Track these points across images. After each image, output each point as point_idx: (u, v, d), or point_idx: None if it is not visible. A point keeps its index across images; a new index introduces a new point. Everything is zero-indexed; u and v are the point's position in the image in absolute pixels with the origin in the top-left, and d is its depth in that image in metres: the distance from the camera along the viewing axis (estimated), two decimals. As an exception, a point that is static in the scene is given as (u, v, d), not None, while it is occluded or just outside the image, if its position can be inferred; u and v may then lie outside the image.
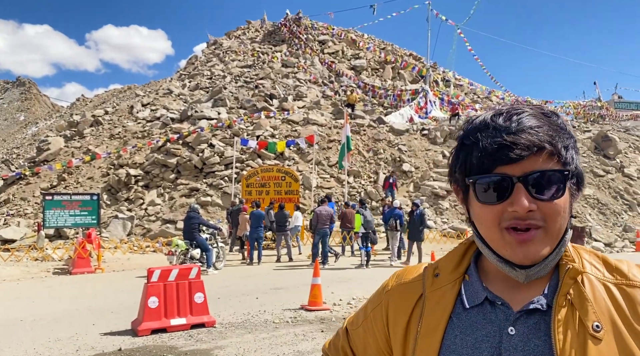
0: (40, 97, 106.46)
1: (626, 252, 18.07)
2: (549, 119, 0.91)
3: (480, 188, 0.90)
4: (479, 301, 0.96)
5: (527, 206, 0.86)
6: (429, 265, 1.08)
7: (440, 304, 1.00)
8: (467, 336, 0.94)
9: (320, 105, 29.92)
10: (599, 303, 0.88)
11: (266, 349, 6.03)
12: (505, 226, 0.88)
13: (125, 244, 17.00)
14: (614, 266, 0.93)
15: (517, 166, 0.87)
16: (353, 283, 10.64)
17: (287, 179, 18.37)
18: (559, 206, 0.88)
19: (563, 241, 0.92)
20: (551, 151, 0.87)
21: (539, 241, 0.88)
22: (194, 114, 26.59)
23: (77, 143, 26.64)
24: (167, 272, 7.03)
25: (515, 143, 0.86)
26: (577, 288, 0.89)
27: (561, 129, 0.91)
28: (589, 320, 0.86)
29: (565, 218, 0.90)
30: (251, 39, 45.17)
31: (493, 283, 0.97)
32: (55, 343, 6.36)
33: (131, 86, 65.42)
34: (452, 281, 1.01)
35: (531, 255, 0.88)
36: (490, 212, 0.90)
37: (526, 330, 0.89)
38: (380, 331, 1.11)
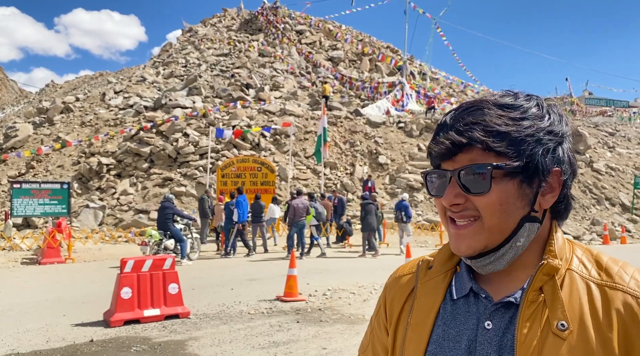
0: (7, 82, 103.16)
1: (593, 244, 18.58)
2: (504, 111, 0.89)
3: (428, 182, 0.95)
4: (465, 292, 0.95)
5: (450, 200, 0.89)
6: (424, 258, 1.08)
7: (431, 295, 0.99)
8: (450, 328, 0.93)
9: (297, 96, 29.79)
10: (573, 302, 0.85)
11: (241, 340, 6.00)
12: (449, 215, 0.92)
13: (97, 234, 16.68)
14: (604, 266, 0.90)
15: (452, 163, 0.90)
16: (329, 274, 10.67)
17: (264, 170, 18.26)
18: (492, 199, 0.87)
19: (517, 234, 0.89)
20: (483, 147, 0.87)
21: (472, 234, 0.89)
22: (168, 102, 26.15)
23: (46, 130, 25.93)
24: (140, 262, 6.91)
25: (443, 141, 0.89)
26: (552, 285, 0.87)
27: (520, 120, 0.88)
28: (555, 318, 0.84)
29: (507, 211, 0.88)
30: (227, 27, 44.59)
31: (481, 275, 0.96)
32: (24, 334, 6.21)
33: (103, 72, 63.95)
34: (444, 272, 1.01)
35: (463, 248, 0.90)
36: (438, 204, 0.94)
37: (502, 324, 0.88)
38: (385, 335, 1.08)
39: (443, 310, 0.96)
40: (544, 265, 0.88)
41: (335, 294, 8.61)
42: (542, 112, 0.91)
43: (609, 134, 32.87)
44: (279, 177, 20.50)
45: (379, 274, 10.51)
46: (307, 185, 20.98)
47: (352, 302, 8.05)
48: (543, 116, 0.91)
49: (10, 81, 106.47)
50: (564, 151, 0.92)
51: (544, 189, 0.90)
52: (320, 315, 7.20)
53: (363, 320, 6.95)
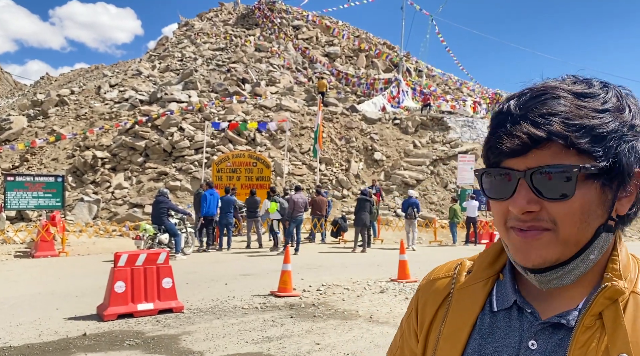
0: (2, 74, 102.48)
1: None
2: (583, 100, 0.76)
3: (485, 182, 0.81)
4: (507, 304, 0.85)
5: (523, 207, 0.75)
6: (463, 261, 0.97)
7: (468, 304, 0.89)
8: (488, 343, 0.84)
9: (293, 91, 29.75)
10: (637, 331, 0.74)
11: (235, 335, 6.00)
12: (510, 225, 0.78)
13: (91, 227, 16.63)
14: None
15: (521, 160, 0.75)
16: (323, 270, 10.69)
17: (259, 165, 18.24)
18: (572, 207, 0.74)
19: (592, 246, 0.77)
20: (563, 143, 0.73)
21: (545, 244, 0.76)
22: (164, 96, 26.06)
23: (41, 123, 25.78)
24: (134, 256, 6.90)
25: (518, 134, 0.74)
26: (615, 310, 0.76)
27: (601, 113, 0.75)
28: (615, 348, 0.73)
29: (589, 222, 0.75)
30: (224, 21, 44.43)
31: (527, 287, 0.85)
32: (16, 328, 6.19)
33: (98, 65, 63.63)
34: (484, 279, 0.90)
35: (533, 258, 0.76)
36: (497, 209, 0.80)
37: (549, 345, 0.78)
38: (415, 342, 0.98)
39: (481, 321, 0.86)
40: (608, 288, 0.76)
41: (329, 289, 8.63)
42: (622, 104, 0.78)
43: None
44: (275, 172, 20.49)
45: (373, 270, 10.55)
46: (302, 181, 20.99)
47: (346, 298, 8.08)
48: (623, 107, 0.78)
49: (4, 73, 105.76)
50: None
51: (622, 194, 0.78)
52: (314, 311, 7.22)
53: (356, 315, 6.98)
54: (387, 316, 6.93)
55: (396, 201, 21.10)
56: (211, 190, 14.14)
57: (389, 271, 10.25)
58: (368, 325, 6.47)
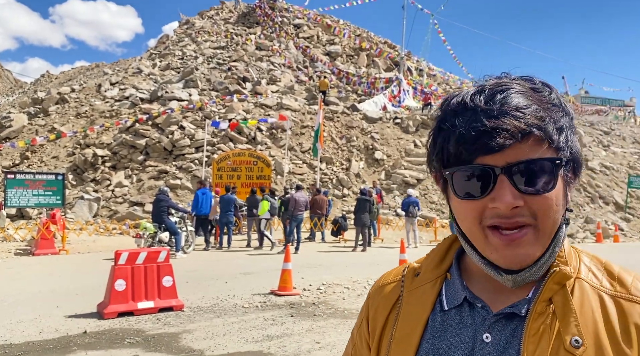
0: (2, 71, 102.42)
1: (587, 243, 18.69)
2: (539, 95, 0.78)
3: (458, 181, 0.78)
4: (458, 302, 0.85)
5: (511, 202, 0.73)
6: (410, 264, 0.97)
7: (418, 305, 0.88)
8: (441, 342, 0.83)
9: (294, 90, 29.74)
10: (585, 315, 0.76)
11: (235, 333, 6.00)
12: (488, 224, 0.76)
13: (91, 225, 16.63)
14: (616, 275, 0.81)
15: (499, 156, 0.74)
16: (323, 269, 10.69)
17: (259, 164, 18.23)
18: (551, 199, 0.75)
19: (557, 238, 0.79)
20: (540, 136, 0.74)
21: (529, 242, 0.76)
22: (164, 94, 26.04)
23: (41, 121, 25.78)
24: (135, 255, 6.90)
25: (496, 129, 0.72)
26: (563, 295, 0.78)
27: (554, 106, 0.78)
28: (568, 333, 0.75)
29: (560, 212, 0.78)
30: (225, 19, 44.39)
31: (476, 283, 0.86)
32: (17, 325, 6.19)
33: (99, 63, 63.61)
34: (432, 279, 0.90)
35: (520, 259, 0.76)
36: (471, 208, 0.78)
37: (503, 337, 0.78)
38: (367, 351, 0.97)
39: (432, 321, 0.86)
40: (556, 273, 0.78)
41: (329, 288, 8.63)
42: (559, 98, 0.80)
43: (604, 133, 33.00)
44: (275, 171, 20.48)
45: (373, 270, 10.55)
46: (302, 180, 20.98)
47: (346, 297, 8.08)
48: (562, 102, 0.80)
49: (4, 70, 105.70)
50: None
51: (572, 183, 0.81)
52: (314, 309, 7.22)
53: (357, 314, 6.96)
54: (387, 315, 6.93)
55: (396, 200, 21.09)
56: (203, 189, 14.15)
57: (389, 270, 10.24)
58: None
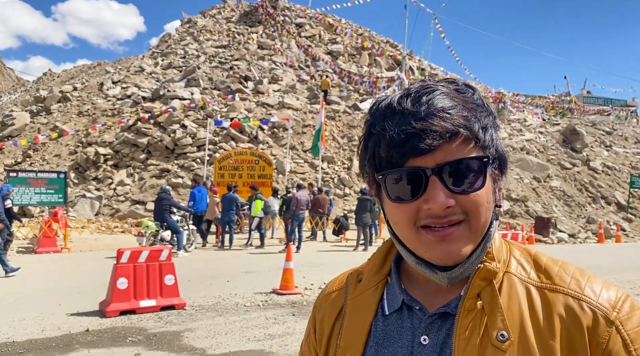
0: (4, 70, 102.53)
1: (588, 243, 18.67)
2: (463, 96, 0.78)
3: (390, 185, 0.78)
4: (397, 306, 0.85)
5: (444, 202, 0.74)
6: (354, 271, 0.96)
7: (361, 312, 0.88)
8: (384, 348, 0.83)
9: (295, 89, 29.72)
10: (512, 308, 0.77)
11: (237, 332, 6.01)
12: (422, 224, 0.77)
13: (93, 224, 16.65)
14: (543, 267, 0.81)
15: (429, 157, 0.75)
16: (324, 268, 10.69)
17: (261, 163, 18.23)
18: (481, 197, 0.76)
19: (488, 235, 0.80)
20: (467, 135, 0.75)
21: (461, 238, 0.76)
22: (166, 93, 26.05)
23: (43, 119, 25.81)
24: (137, 253, 6.91)
25: (425, 131, 0.73)
26: (490, 291, 0.78)
27: (478, 107, 0.79)
28: (494, 328, 0.75)
29: (490, 209, 0.79)
30: (227, 18, 44.37)
31: (414, 285, 0.86)
32: (19, 323, 6.21)
33: (101, 62, 63.63)
34: (374, 285, 0.90)
35: (452, 254, 0.77)
36: (404, 211, 0.78)
37: (440, 337, 0.79)
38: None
39: (374, 327, 0.85)
40: (481, 269, 0.79)
41: (331, 288, 8.63)
42: (481, 98, 0.81)
43: (606, 133, 32.95)
44: (277, 170, 20.49)
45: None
46: (304, 179, 20.98)
47: (348, 296, 8.08)
48: (484, 102, 0.81)
49: (7, 68, 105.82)
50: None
51: (499, 180, 0.83)
52: (316, 309, 7.22)
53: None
54: (389, 314, 6.93)
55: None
56: (199, 187, 14.17)
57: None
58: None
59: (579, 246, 17.90)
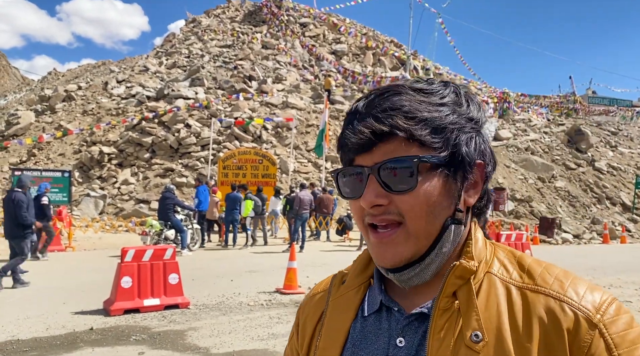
0: (10, 69, 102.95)
1: (593, 244, 18.60)
2: (424, 97, 0.78)
3: (340, 182, 0.81)
4: (376, 307, 0.84)
5: (371, 201, 0.75)
6: (338, 272, 0.96)
7: (341, 313, 0.87)
8: (360, 350, 0.82)
9: (299, 89, 29.73)
10: (490, 308, 0.75)
11: (240, 331, 6.01)
12: (367, 222, 0.79)
13: (98, 223, 16.70)
14: (526, 267, 0.79)
15: (369, 156, 0.77)
16: (328, 268, 10.68)
17: (265, 163, 18.24)
18: (416, 198, 0.75)
19: (443, 239, 0.78)
20: (404, 137, 0.74)
21: (397, 242, 0.76)
22: (171, 93, 26.10)
23: (48, 118, 25.91)
24: (141, 252, 6.92)
25: (362, 131, 0.76)
26: (467, 290, 0.76)
27: (441, 106, 0.77)
28: (469, 328, 0.73)
29: (436, 212, 0.76)
30: (231, 18, 44.42)
31: (394, 287, 0.84)
32: (24, 321, 6.23)
33: (105, 61, 63.77)
34: (357, 286, 0.89)
35: (389, 257, 0.77)
36: (354, 208, 0.81)
37: (416, 339, 0.77)
38: None
39: (353, 329, 0.84)
40: (456, 266, 0.77)
41: (334, 287, 8.62)
42: (460, 99, 0.80)
43: (611, 134, 32.82)
44: (280, 170, 20.49)
45: (378, 269, 10.53)
46: (307, 178, 20.98)
47: (352, 296, 8.07)
48: (462, 102, 0.80)
49: (12, 68, 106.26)
50: (484, 141, 0.82)
51: (468, 185, 0.80)
52: (320, 308, 7.21)
53: (362, 313, 6.97)
54: (392, 314, 6.92)
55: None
56: (203, 186, 14.19)
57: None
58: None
59: (583, 246, 17.83)
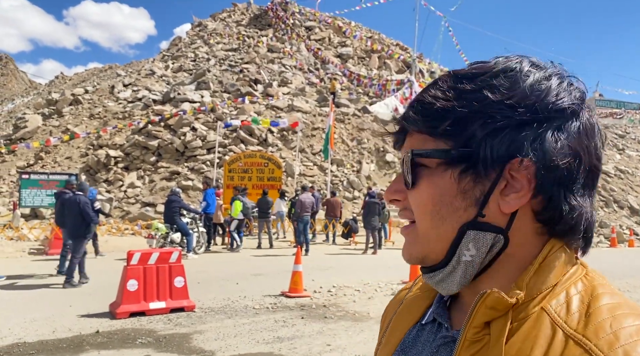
0: (18, 73, 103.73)
1: (601, 247, 18.47)
2: (459, 84, 0.68)
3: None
4: (432, 317, 0.78)
5: (389, 195, 0.74)
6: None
7: (408, 315, 0.82)
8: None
9: (305, 92, 29.77)
10: (523, 352, 0.61)
11: (246, 334, 6.01)
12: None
13: (104, 226, 16.76)
14: (592, 310, 0.62)
15: (402, 151, 0.74)
16: (333, 271, 10.67)
17: (270, 166, 18.27)
18: (421, 197, 0.68)
19: (458, 247, 0.67)
20: (415, 129, 0.70)
21: (409, 240, 0.72)
22: (177, 96, 26.22)
23: (55, 122, 26.07)
24: (147, 255, 6.94)
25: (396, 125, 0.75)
26: (500, 325, 0.64)
27: (470, 93, 0.66)
28: None
29: (443, 215, 0.67)
30: (237, 22, 44.61)
31: (458, 296, 0.76)
32: (31, 324, 6.25)
33: (112, 65, 64.20)
34: (429, 290, 0.82)
35: (405, 253, 0.74)
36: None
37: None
38: None
39: (408, 334, 0.79)
40: (486, 295, 0.63)
41: (340, 291, 8.61)
42: (520, 82, 0.65)
43: (618, 136, 32.66)
44: (286, 173, 20.51)
45: (383, 272, 10.51)
46: (313, 181, 20.99)
47: (357, 299, 8.05)
48: (519, 86, 0.65)
49: (20, 72, 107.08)
50: (555, 134, 0.64)
51: (505, 188, 0.65)
52: (325, 312, 7.20)
53: (368, 317, 6.95)
54: (398, 318, 6.89)
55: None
56: (212, 189, 14.23)
57: (400, 273, 10.20)
58: (379, 327, 6.43)
59: (591, 250, 17.64)
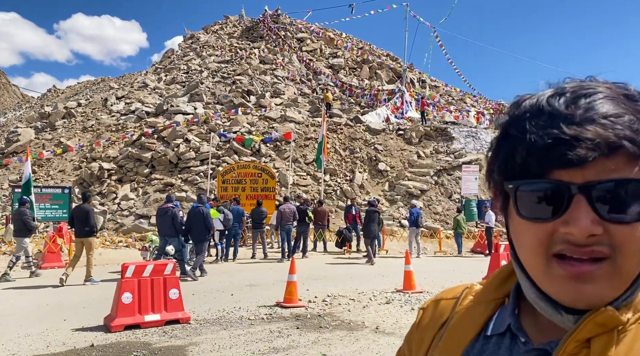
0: (10, 86, 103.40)
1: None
2: (634, 104, 0.62)
3: (523, 198, 0.64)
4: (501, 329, 0.73)
5: (587, 228, 0.59)
6: (472, 284, 0.87)
7: (465, 327, 0.77)
8: None
9: (297, 103, 29.91)
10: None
11: (241, 345, 6.02)
12: (555, 252, 0.62)
13: (97, 239, 16.68)
14: None
15: (578, 171, 0.59)
16: (328, 281, 10.69)
17: (264, 176, 18.32)
18: (637, 231, 0.60)
19: (635, 285, 0.63)
20: (634, 151, 0.59)
21: (601, 279, 0.60)
22: (170, 108, 26.27)
23: (48, 135, 26.02)
24: (141, 268, 6.95)
25: (578, 138, 0.58)
26: (607, 340, 0.61)
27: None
28: None
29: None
30: (229, 34, 44.84)
31: (527, 312, 0.73)
32: (24, 339, 6.23)
33: (105, 78, 64.14)
34: (488, 301, 0.78)
35: (586, 297, 0.61)
36: (536, 232, 0.63)
37: None
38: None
39: (470, 347, 0.75)
40: (601, 312, 0.61)
41: (334, 300, 8.64)
42: None
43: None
44: (279, 183, 20.55)
45: (378, 281, 10.55)
46: (307, 191, 21.04)
47: (352, 308, 8.08)
48: None
49: (12, 85, 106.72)
50: None
51: None
52: (320, 321, 7.23)
53: (363, 326, 6.98)
54: (393, 327, 6.94)
55: (400, 211, 21.10)
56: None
57: (395, 281, 10.25)
58: (374, 336, 6.48)
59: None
